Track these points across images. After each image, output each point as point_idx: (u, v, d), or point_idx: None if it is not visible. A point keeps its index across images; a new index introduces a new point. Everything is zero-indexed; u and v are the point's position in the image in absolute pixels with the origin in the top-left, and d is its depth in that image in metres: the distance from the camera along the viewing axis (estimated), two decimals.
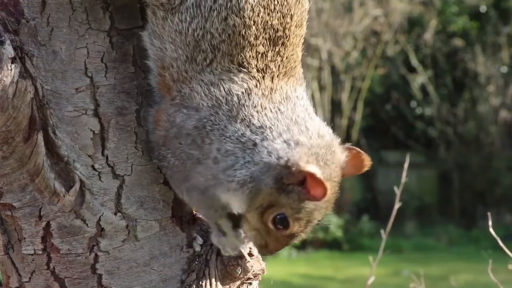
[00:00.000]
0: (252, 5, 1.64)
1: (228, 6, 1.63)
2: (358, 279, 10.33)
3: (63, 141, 1.71)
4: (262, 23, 1.65)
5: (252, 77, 1.66)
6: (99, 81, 1.72)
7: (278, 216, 1.65)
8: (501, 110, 15.92)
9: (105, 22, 1.72)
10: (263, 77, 1.67)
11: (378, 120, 16.56)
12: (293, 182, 1.61)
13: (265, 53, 1.67)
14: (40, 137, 1.68)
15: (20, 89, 1.63)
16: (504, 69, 16.02)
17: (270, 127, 1.63)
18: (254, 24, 1.64)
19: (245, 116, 1.64)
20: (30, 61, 1.68)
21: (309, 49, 14.84)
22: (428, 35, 16.16)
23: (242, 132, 1.63)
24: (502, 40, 16.08)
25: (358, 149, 1.73)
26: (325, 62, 15.15)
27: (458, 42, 16.32)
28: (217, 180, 1.66)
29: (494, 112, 15.96)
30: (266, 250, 1.73)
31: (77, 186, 1.71)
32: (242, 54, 1.65)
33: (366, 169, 1.75)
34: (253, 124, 1.63)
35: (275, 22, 1.66)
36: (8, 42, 1.63)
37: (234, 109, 1.64)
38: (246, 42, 1.64)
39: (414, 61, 15.99)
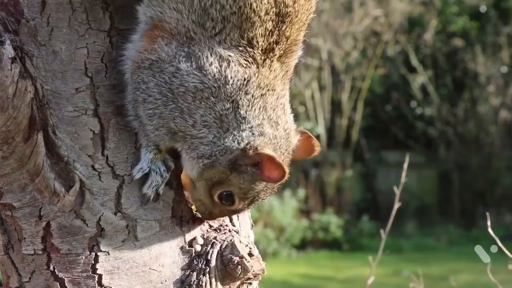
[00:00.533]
0: None
1: None
2: (358, 279, 10.33)
3: (63, 141, 1.71)
4: None
5: (255, 60, 1.67)
6: (99, 81, 1.72)
7: (224, 193, 1.74)
8: (501, 110, 15.92)
9: (105, 22, 1.72)
10: (264, 62, 1.67)
11: (378, 120, 16.56)
12: (247, 164, 1.69)
13: (272, 31, 1.66)
14: (40, 137, 1.68)
15: (20, 89, 1.63)
16: (504, 69, 16.01)
17: (249, 121, 1.68)
18: None
19: (237, 101, 1.67)
20: (30, 61, 1.68)
21: (309, 49, 14.84)
22: (428, 35, 16.16)
23: (227, 113, 1.67)
24: (502, 40, 16.08)
25: (310, 134, 1.82)
26: (325, 62, 15.15)
27: (458, 42, 16.32)
28: (183, 134, 1.69)
29: (494, 112, 15.96)
30: (208, 217, 1.82)
31: (77, 186, 1.71)
32: (252, 30, 1.64)
33: (316, 154, 1.83)
34: (239, 112, 1.68)
35: None
36: (8, 42, 1.63)
37: (234, 91, 1.66)
38: (257, 17, 1.63)
39: (414, 61, 15.99)
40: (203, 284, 1.77)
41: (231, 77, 1.65)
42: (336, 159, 15.18)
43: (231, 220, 1.90)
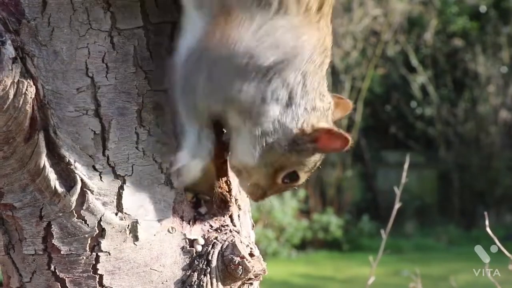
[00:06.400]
0: None
1: None
2: (358, 279, 10.33)
3: (64, 141, 1.71)
4: None
5: (313, 23, 1.68)
6: (100, 81, 1.72)
7: (289, 174, 1.76)
8: (501, 110, 15.92)
9: (106, 22, 1.72)
10: (319, 23, 1.68)
11: (378, 120, 16.56)
12: (306, 141, 1.71)
13: None
14: (41, 137, 1.68)
15: (21, 89, 1.63)
16: (504, 69, 16.01)
17: (308, 96, 1.69)
18: None
19: (306, 72, 1.68)
20: (31, 61, 1.68)
21: None
22: (428, 35, 16.16)
23: (297, 87, 1.67)
24: (502, 40, 16.08)
25: (338, 95, 1.87)
26: None
27: (458, 42, 16.33)
28: (249, 110, 1.68)
29: (494, 112, 15.96)
30: (260, 198, 1.82)
31: (78, 186, 1.71)
32: None
33: (349, 111, 1.91)
34: (305, 84, 1.69)
35: None
36: (9, 42, 1.63)
37: (304, 61, 1.67)
38: None
39: (414, 61, 15.99)
40: (204, 284, 1.77)
41: (301, 46, 1.65)
42: (336, 159, 15.18)
43: (232, 220, 1.90)
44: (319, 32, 1.70)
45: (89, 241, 1.72)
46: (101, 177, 1.73)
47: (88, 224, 1.72)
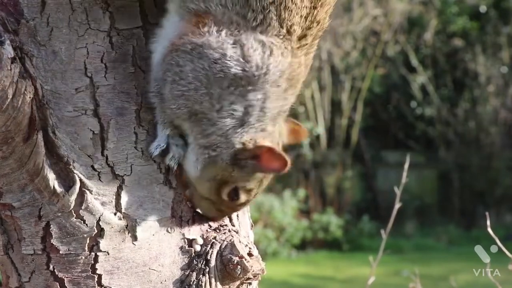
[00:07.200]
0: None
1: None
2: (358, 279, 10.33)
3: (62, 141, 1.71)
4: None
5: (292, 49, 1.69)
6: (99, 81, 1.72)
7: (233, 190, 1.76)
8: (501, 110, 15.92)
9: (104, 22, 1.72)
10: (297, 50, 1.69)
11: (378, 120, 16.56)
12: (247, 157, 1.71)
13: (306, 17, 1.68)
14: (39, 137, 1.68)
15: (20, 89, 1.63)
16: (504, 69, 16.02)
17: (263, 118, 1.70)
18: None
19: (268, 92, 1.68)
20: (29, 61, 1.68)
21: None
22: (428, 35, 16.16)
23: (255, 105, 1.68)
24: (502, 40, 16.08)
25: (296, 122, 1.86)
26: (325, 62, 15.15)
27: (458, 42, 16.33)
28: (202, 116, 1.69)
29: (494, 112, 15.96)
30: (218, 216, 1.84)
31: (76, 186, 1.71)
32: (290, 19, 1.66)
33: (303, 139, 1.88)
34: (265, 105, 1.69)
35: None
36: (7, 42, 1.63)
37: (269, 82, 1.68)
38: (294, 5, 1.65)
39: (414, 61, 15.99)
40: (203, 284, 1.77)
41: (272, 67, 1.66)
42: (336, 159, 15.18)
43: (230, 220, 1.90)
44: (294, 59, 1.70)
45: (87, 241, 1.73)
46: (100, 177, 1.73)
47: (87, 224, 1.72)
